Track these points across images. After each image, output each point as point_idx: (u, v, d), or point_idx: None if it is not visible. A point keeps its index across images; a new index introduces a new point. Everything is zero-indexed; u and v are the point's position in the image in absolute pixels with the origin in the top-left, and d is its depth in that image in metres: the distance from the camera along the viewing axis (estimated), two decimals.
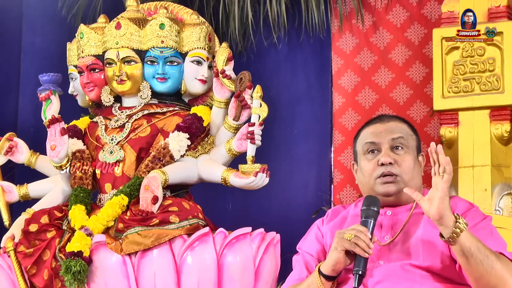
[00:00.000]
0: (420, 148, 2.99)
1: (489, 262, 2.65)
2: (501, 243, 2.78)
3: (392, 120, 2.98)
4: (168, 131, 3.95)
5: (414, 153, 2.93)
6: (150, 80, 4.04)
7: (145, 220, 3.69)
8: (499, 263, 2.66)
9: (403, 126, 2.96)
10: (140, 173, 3.85)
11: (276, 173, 4.22)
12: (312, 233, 3.07)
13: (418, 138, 3.00)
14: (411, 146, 2.93)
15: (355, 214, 2.99)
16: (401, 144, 2.90)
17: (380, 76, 5.13)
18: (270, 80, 5.20)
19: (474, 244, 2.65)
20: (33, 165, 4.13)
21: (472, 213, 2.85)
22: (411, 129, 2.98)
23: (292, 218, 4.99)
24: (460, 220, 2.65)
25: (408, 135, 2.94)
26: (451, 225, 2.65)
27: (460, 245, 2.66)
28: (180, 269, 3.65)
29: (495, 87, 4.11)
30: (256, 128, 3.79)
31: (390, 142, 2.90)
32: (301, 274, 2.97)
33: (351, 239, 2.72)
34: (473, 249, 2.65)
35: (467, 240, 2.65)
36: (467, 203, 2.91)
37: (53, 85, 4.24)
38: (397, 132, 2.92)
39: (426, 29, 5.00)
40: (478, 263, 2.65)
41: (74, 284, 3.62)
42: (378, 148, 2.91)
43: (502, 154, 4.14)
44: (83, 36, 4.10)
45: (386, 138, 2.90)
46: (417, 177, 2.92)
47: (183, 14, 4.20)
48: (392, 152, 2.89)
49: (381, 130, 2.93)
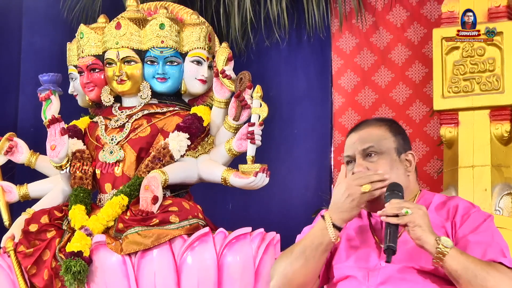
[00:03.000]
0: (405, 148, 2.95)
1: (478, 281, 2.66)
2: (501, 249, 2.76)
3: (366, 127, 2.96)
4: (168, 131, 3.95)
5: (391, 155, 2.90)
6: (150, 80, 4.04)
7: (145, 220, 3.69)
8: (491, 277, 2.66)
9: (376, 132, 2.93)
10: (140, 173, 3.85)
11: (276, 173, 4.22)
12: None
13: (401, 137, 2.96)
14: (385, 150, 2.90)
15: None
16: (372, 151, 2.90)
17: (380, 76, 5.13)
18: (270, 80, 5.20)
19: (461, 266, 2.66)
20: (33, 165, 4.13)
21: (474, 215, 2.85)
22: (389, 131, 2.94)
23: (292, 218, 4.99)
24: (441, 243, 2.66)
25: (380, 140, 2.91)
26: (433, 250, 2.67)
27: (446, 269, 2.68)
28: (180, 269, 3.65)
29: (495, 87, 4.11)
30: (256, 128, 3.79)
31: (361, 153, 2.91)
32: None
33: (370, 190, 2.76)
34: (460, 271, 2.66)
35: (453, 262, 2.66)
36: (468, 204, 2.91)
37: (53, 85, 4.24)
38: (368, 141, 2.91)
39: (426, 29, 5.00)
40: (467, 283, 2.67)
41: (74, 284, 3.62)
42: (353, 159, 2.93)
43: (502, 154, 4.14)
44: (83, 36, 4.10)
45: (357, 149, 2.91)
46: (397, 178, 2.87)
47: (183, 14, 4.20)
48: (365, 160, 2.90)
49: (354, 141, 2.94)
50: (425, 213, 2.73)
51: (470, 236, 2.79)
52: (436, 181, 4.75)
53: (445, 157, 4.30)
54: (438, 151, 4.75)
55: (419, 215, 2.70)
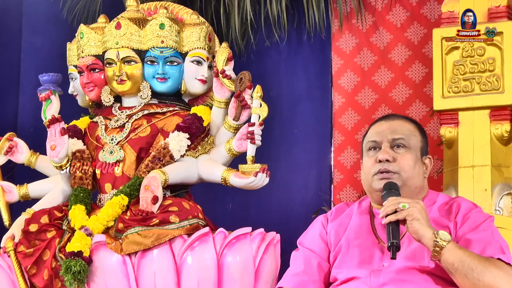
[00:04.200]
0: (427, 151, 2.99)
1: (475, 275, 2.66)
2: (500, 246, 2.78)
3: (398, 119, 2.99)
4: (168, 131, 3.94)
5: (417, 154, 2.93)
6: (150, 80, 4.04)
7: (145, 220, 3.69)
8: (489, 272, 2.67)
9: (407, 126, 2.97)
10: (140, 173, 3.85)
11: (276, 173, 4.22)
12: (315, 230, 3.07)
13: (426, 140, 3.00)
14: (413, 146, 2.93)
15: (361, 212, 3.00)
16: (401, 143, 2.91)
17: (380, 76, 5.13)
18: (270, 80, 5.21)
19: (458, 259, 2.67)
20: (33, 165, 4.13)
21: (474, 215, 2.86)
22: (418, 130, 2.99)
23: (292, 218, 4.99)
24: (439, 237, 2.67)
25: (411, 135, 2.94)
26: (431, 244, 2.67)
27: (443, 262, 2.69)
28: (180, 269, 3.65)
29: (495, 87, 4.11)
30: (256, 128, 3.79)
31: (390, 141, 2.92)
32: (297, 270, 2.97)
33: None
34: (457, 264, 2.67)
35: (450, 256, 2.67)
36: (470, 204, 2.92)
37: (53, 85, 4.24)
38: (399, 132, 2.93)
39: (426, 29, 5.00)
40: (463, 277, 2.67)
41: (74, 284, 3.62)
42: (379, 146, 2.93)
43: (502, 154, 4.14)
44: (83, 36, 4.10)
45: (387, 136, 2.92)
46: (417, 177, 2.91)
47: (183, 14, 4.20)
48: (392, 150, 2.91)
49: (384, 129, 2.95)
50: (423, 207, 2.73)
51: (470, 234, 2.80)
52: (436, 181, 4.75)
53: (445, 157, 4.30)
54: (438, 151, 4.75)
55: (417, 209, 2.71)
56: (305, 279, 2.96)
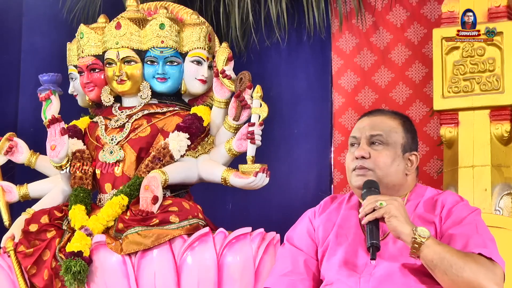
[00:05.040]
0: (412, 147, 2.96)
1: (454, 271, 2.65)
2: (484, 240, 2.75)
3: (380, 115, 2.97)
4: (168, 131, 3.94)
5: (396, 150, 2.91)
6: (150, 80, 4.04)
7: (145, 220, 3.69)
8: (468, 268, 2.65)
9: (389, 123, 2.94)
10: (140, 173, 3.85)
11: (276, 173, 4.22)
12: (303, 226, 3.07)
13: (411, 136, 2.97)
14: (392, 143, 2.90)
15: (350, 207, 2.99)
16: (379, 140, 2.90)
17: (380, 76, 5.13)
18: (270, 80, 5.21)
19: (437, 255, 2.66)
20: (33, 165, 4.13)
21: (459, 208, 2.84)
22: (401, 126, 2.95)
23: (292, 218, 4.96)
24: (417, 233, 2.67)
25: (391, 132, 2.91)
26: (409, 240, 2.67)
27: (422, 259, 2.68)
28: (180, 269, 3.65)
29: (495, 87, 4.11)
30: (256, 128, 3.79)
31: (368, 137, 2.91)
32: (285, 270, 2.97)
33: None
34: (436, 260, 2.66)
35: (429, 252, 2.66)
36: (456, 197, 2.90)
37: (53, 85, 4.24)
38: (378, 128, 2.91)
39: (426, 29, 5.00)
40: (442, 273, 2.66)
41: (74, 284, 3.62)
42: (358, 142, 2.93)
43: (502, 154, 4.14)
44: (83, 36, 4.10)
45: (365, 133, 2.91)
46: (395, 174, 2.89)
47: (183, 14, 4.20)
48: (370, 147, 2.90)
49: (365, 125, 2.94)
50: (401, 204, 2.73)
51: (453, 229, 2.78)
52: (436, 181, 4.75)
53: (445, 157, 4.30)
54: (438, 151, 4.76)
55: (394, 206, 2.70)
56: (293, 278, 2.97)
